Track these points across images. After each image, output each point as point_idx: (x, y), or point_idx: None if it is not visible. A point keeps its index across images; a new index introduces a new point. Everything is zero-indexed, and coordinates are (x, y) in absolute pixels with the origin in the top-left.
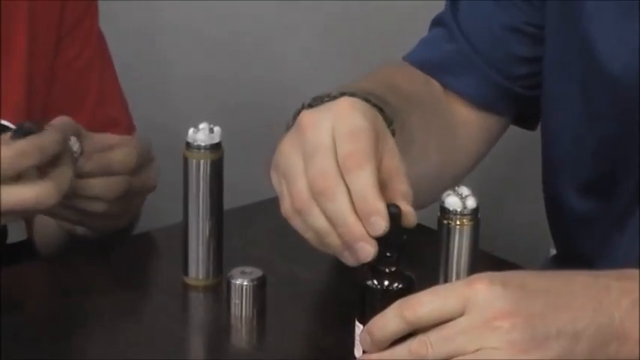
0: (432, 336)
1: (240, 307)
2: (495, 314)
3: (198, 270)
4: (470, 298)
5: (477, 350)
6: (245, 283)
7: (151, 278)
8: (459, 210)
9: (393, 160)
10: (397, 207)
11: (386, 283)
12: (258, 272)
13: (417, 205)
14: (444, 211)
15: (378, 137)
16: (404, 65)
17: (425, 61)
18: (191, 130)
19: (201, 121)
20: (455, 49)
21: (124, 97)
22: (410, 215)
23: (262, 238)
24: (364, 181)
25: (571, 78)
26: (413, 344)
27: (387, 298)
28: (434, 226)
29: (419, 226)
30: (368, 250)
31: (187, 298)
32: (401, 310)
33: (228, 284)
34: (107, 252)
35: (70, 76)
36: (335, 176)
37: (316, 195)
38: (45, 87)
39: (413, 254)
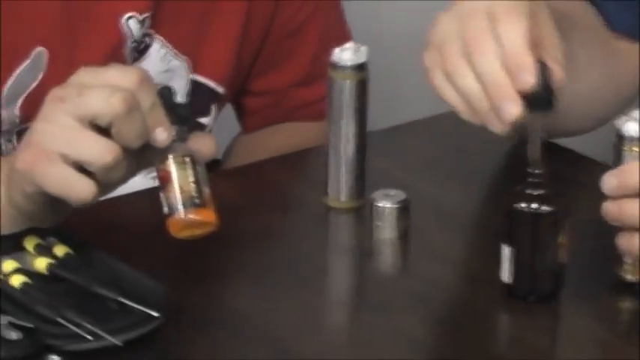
0: None
1: (384, 230)
2: None
3: (340, 192)
4: None
5: None
6: (389, 206)
7: (292, 201)
8: (637, 136)
9: (547, 29)
10: (545, 65)
11: (535, 206)
12: (402, 195)
13: (577, 129)
14: (622, 138)
15: (534, 4)
16: None
17: None
18: (337, 50)
19: None
20: None
21: (348, 36)
22: (558, 72)
23: (406, 161)
24: (516, 34)
25: None
26: None
27: (537, 221)
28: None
29: (588, 160)
30: (513, 110)
31: (330, 220)
32: None
33: (372, 207)
34: (248, 175)
35: (286, 32)
36: (487, 31)
37: (468, 52)
38: (257, 45)
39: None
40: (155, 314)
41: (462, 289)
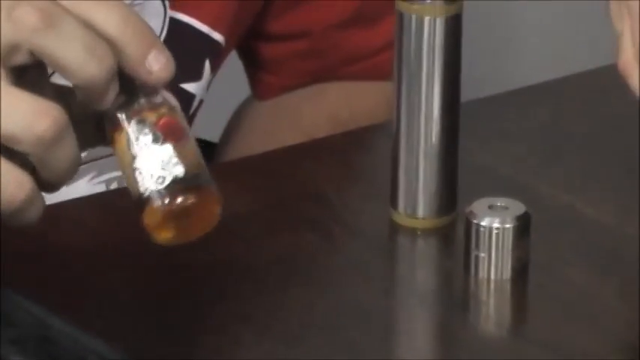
0: None
1: (488, 263)
2: None
3: (417, 201)
4: None
5: None
6: (497, 225)
7: (337, 215)
8: None
9: None
10: None
11: None
12: (518, 207)
13: None
14: None
15: None
16: None
17: None
18: None
19: None
20: None
21: None
22: None
23: (522, 150)
24: None
25: None
26: None
27: None
28: None
29: None
30: None
31: (398, 248)
32: None
33: (468, 226)
34: (263, 170)
35: None
36: None
37: None
38: None
39: None
40: None
41: None
